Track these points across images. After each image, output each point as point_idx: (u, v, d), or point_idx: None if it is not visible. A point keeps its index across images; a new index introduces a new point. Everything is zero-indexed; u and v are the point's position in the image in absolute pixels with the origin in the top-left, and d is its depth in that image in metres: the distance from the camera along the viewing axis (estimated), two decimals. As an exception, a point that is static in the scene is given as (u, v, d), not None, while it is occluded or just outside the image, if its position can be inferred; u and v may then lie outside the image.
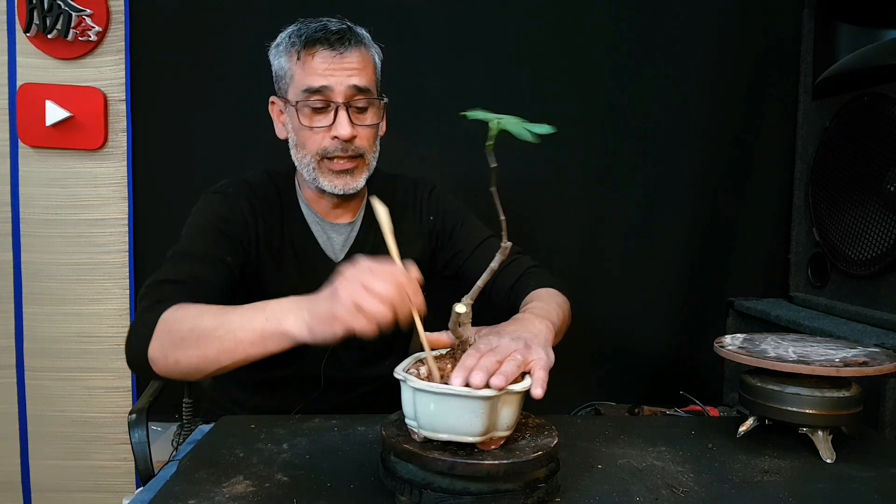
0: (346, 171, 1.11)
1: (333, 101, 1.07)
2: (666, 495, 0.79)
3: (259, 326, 0.80)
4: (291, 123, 1.12)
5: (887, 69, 1.41)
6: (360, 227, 1.22)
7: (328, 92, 1.07)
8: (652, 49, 1.78)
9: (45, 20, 1.68)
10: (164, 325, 0.87)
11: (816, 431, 0.92)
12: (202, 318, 0.85)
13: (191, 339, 0.84)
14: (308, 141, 1.10)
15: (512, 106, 0.78)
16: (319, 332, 0.76)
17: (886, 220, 1.39)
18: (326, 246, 1.20)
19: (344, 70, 1.07)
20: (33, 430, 1.82)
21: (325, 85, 1.06)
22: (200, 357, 0.83)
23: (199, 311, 0.88)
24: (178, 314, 0.88)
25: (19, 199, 1.77)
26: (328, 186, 1.12)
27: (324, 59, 1.06)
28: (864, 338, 1.29)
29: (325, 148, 1.09)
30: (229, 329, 0.82)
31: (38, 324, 1.79)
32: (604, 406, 1.45)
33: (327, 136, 1.08)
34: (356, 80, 1.08)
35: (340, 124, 1.07)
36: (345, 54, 1.07)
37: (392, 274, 0.75)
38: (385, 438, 0.77)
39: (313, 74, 1.06)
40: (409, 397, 0.74)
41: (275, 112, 1.18)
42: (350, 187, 1.12)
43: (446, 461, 0.71)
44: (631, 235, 1.84)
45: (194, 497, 0.76)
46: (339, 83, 1.06)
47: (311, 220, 1.20)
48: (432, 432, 0.73)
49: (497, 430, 0.74)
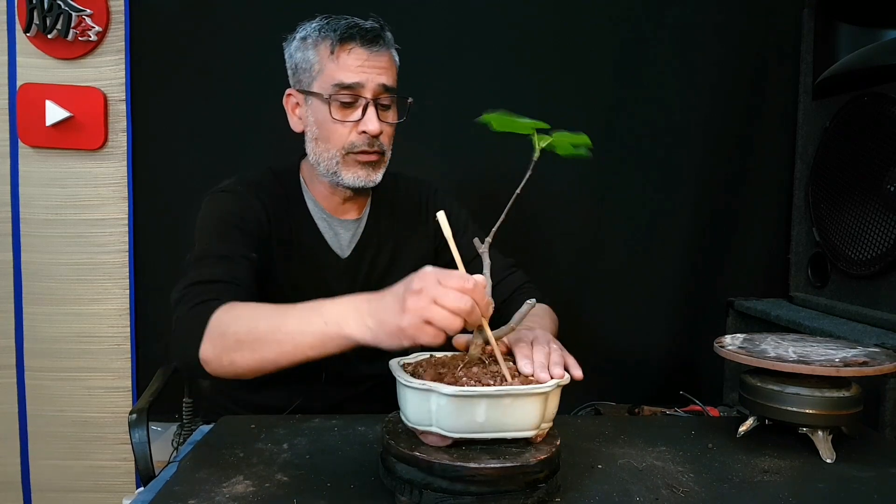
0: (370, 163, 1.12)
1: (363, 96, 1.09)
2: (666, 495, 0.79)
3: (319, 330, 0.80)
4: (315, 116, 1.12)
5: (887, 69, 1.41)
6: (366, 222, 1.23)
7: (359, 88, 1.08)
8: (652, 49, 1.79)
9: (45, 20, 1.68)
10: (216, 327, 0.87)
11: (816, 431, 0.92)
12: (258, 320, 0.85)
13: (248, 341, 0.84)
14: (334, 135, 1.10)
15: (512, 106, 0.79)
16: (385, 340, 0.76)
17: (886, 220, 1.39)
18: (333, 242, 1.20)
19: (375, 68, 1.09)
20: (33, 430, 1.82)
21: (357, 81, 1.08)
22: (258, 359, 0.84)
23: (253, 312, 0.87)
24: (231, 315, 0.87)
25: (19, 199, 1.77)
26: (350, 179, 1.12)
27: (358, 57, 1.08)
28: (864, 338, 1.29)
29: (352, 142, 1.10)
30: (287, 332, 0.82)
31: (38, 324, 1.79)
32: (604, 406, 1.45)
33: (354, 131, 1.10)
34: (385, 79, 1.10)
35: (370, 120, 1.08)
36: (378, 53, 1.09)
37: (462, 285, 0.73)
38: (385, 439, 0.77)
39: (347, 70, 1.08)
40: (443, 403, 0.72)
41: (290, 105, 1.18)
42: (371, 180, 1.13)
43: (447, 463, 0.71)
44: (631, 235, 1.84)
45: (194, 497, 0.76)
46: (371, 80, 1.08)
47: (317, 216, 1.20)
48: (475, 433, 0.73)
49: (545, 422, 0.76)
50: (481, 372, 0.77)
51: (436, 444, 0.74)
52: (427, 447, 0.74)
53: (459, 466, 0.71)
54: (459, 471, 0.71)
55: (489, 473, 0.71)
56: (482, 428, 0.73)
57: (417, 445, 0.74)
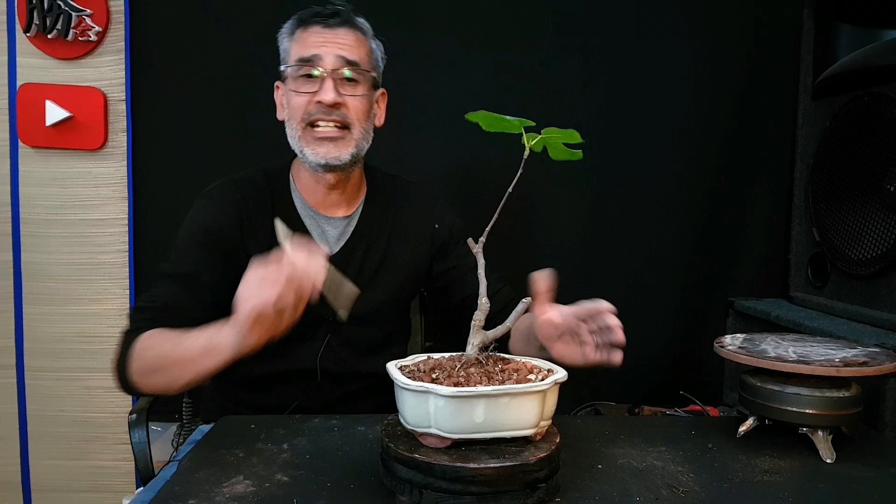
0: (329, 138, 1.12)
1: (321, 67, 1.11)
2: (666, 495, 0.79)
3: (202, 344, 0.91)
4: (287, 98, 1.16)
5: (887, 69, 1.40)
6: (357, 220, 1.23)
7: (318, 60, 1.11)
8: (651, 49, 1.79)
9: (45, 20, 1.69)
10: (135, 354, 0.99)
11: (816, 431, 0.92)
12: (163, 344, 0.97)
13: (156, 365, 0.97)
14: (296, 109, 1.13)
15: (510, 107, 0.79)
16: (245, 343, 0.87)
17: (886, 220, 1.39)
18: (320, 239, 1.20)
19: (334, 44, 1.12)
20: (33, 430, 1.82)
21: (315, 54, 1.11)
22: (167, 378, 0.97)
23: (161, 338, 0.99)
24: (146, 344, 0.99)
25: (19, 199, 1.77)
26: (311, 155, 1.13)
27: (316, 33, 1.13)
28: (864, 338, 1.29)
29: (308, 112, 1.12)
30: (184, 349, 0.93)
31: (38, 324, 1.79)
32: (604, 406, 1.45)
33: (312, 102, 1.12)
34: (346, 53, 1.12)
35: (326, 89, 1.10)
36: (336, 30, 1.13)
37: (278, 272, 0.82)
38: (385, 441, 0.77)
39: (305, 45, 1.13)
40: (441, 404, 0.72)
41: (277, 95, 1.22)
42: (333, 156, 1.13)
43: (447, 464, 0.71)
44: (631, 235, 1.84)
45: (194, 497, 0.76)
46: (328, 53, 1.11)
47: (304, 213, 1.21)
48: (474, 433, 0.73)
49: (543, 419, 0.76)
50: (479, 372, 0.78)
51: (435, 446, 0.74)
52: (427, 449, 0.74)
53: (459, 467, 0.71)
54: (460, 471, 0.71)
55: (489, 473, 0.71)
56: (481, 428, 0.73)
57: (417, 447, 0.74)
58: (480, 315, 0.81)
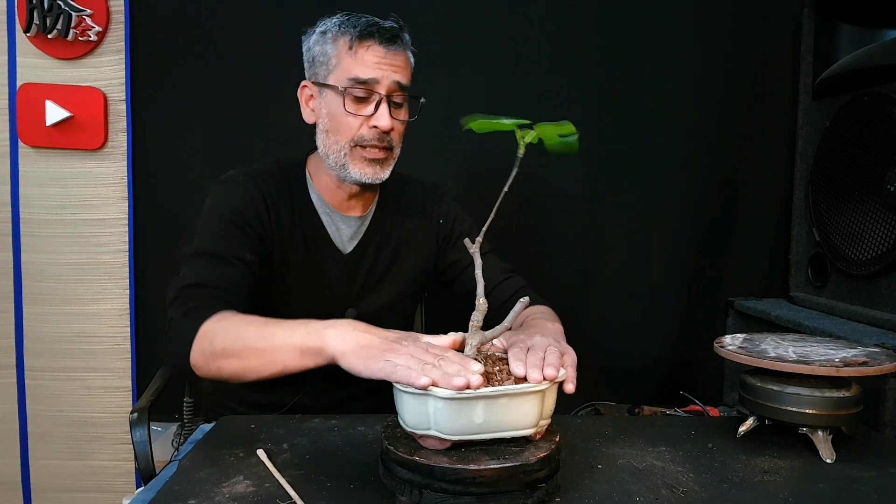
0: (377, 160, 1.14)
1: (377, 92, 1.11)
2: (666, 495, 0.79)
3: (300, 340, 0.83)
4: (328, 108, 1.14)
5: (887, 69, 1.41)
6: (371, 220, 1.24)
7: (374, 84, 1.10)
8: (651, 49, 1.79)
9: (45, 20, 1.69)
10: (205, 334, 0.91)
11: (816, 431, 0.92)
12: (246, 329, 0.89)
13: (234, 349, 0.88)
14: (345, 127, 1.12)
15: (510, 107, 0.79)
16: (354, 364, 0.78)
17: (886, 220, 1.39)
18: (335, 236, 1.21)
19: (391, 66, 1.11)
20: (33, 430, 1.82)
21: (373, 77, 1.10)
22: (243, 367, 0.88)
23: (242, 322, 0.91)
24: (221, 326, 0.91)
25: (19, 199, 1.77)
26: (357, 174, 1.13)
27: (375, 53, 1.10)
28: (864, 338, 1.29)
29: (362, 136, 1.12)
30: (272, 341, 0.85)
31: (38, 324, 1.79)
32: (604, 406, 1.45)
33: (366, 125, 1.11)
34: (399, 77, 1.12)
35: (382, 115, 1.10)
36: (395, 52, 1.12)
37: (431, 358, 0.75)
38: (385, 444, 0.77)
39: (363, 65, 1.10)
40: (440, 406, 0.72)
41: (304, 96, 1.19)
42: (378, 177, 1.14)
43: (447, 465, 0.71)
44: (631, 235, 1.84)
45: (194, 497, 0.76)
46: (386, 77, 1.10)
47: (321, 210, 1.21)
48: (474, 434, 0.73)
49: (542, 419, 0.76)
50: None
51: (435, 448, 0.74)
52: (426, 450, 0.74)
53: (460, 468, 0.71)
54: (460, 472, 0.71)
55: (489, 474, 0.71)
56: (480, 429, 0.73)
57: (417, 448, 0.74)
58: (478, 316, 0.81)
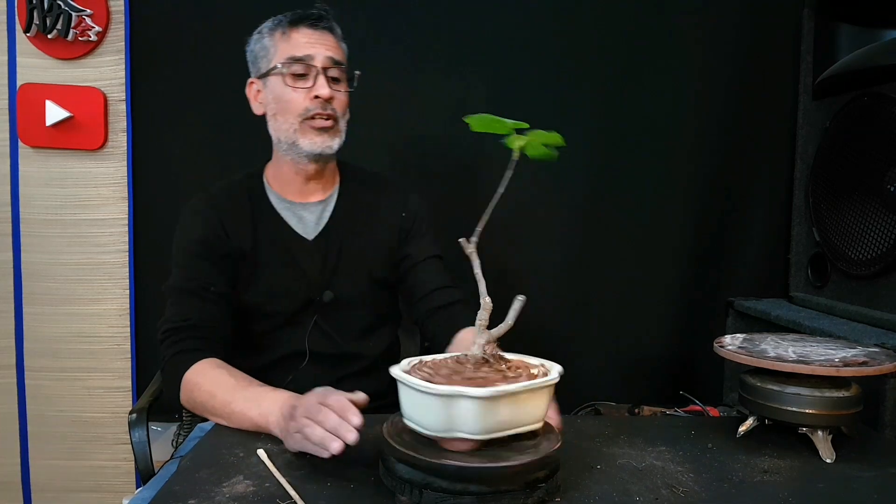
0: (325, 129, 1.20)
1: (314, 65, 1.19)
2: (666, 495, 0.79)
3: (253, 419, 0.97)
4: (273, 94, 1.21)
5: (887, 69, 1.41)
6: (334, 206, 1.28)
7: (310, 60, 1.19)
8: (651, 50, 1.79)
9: (45, 20, 1.69)
10: (186, 386, 1.06)
11: (816, 431, 0.92)
12: (216, 392, 1.03)
13: (208, 407, 1.03)
14: (291, 104, 1.19)
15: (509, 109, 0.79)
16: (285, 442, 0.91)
17: (886, 220, 1.39)
18: (298, 227, 1.25)
19: (323, 44, 1.20)
20: (33, 430, 1.82)
21: (308, 54, 1.19)
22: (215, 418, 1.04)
23: (214, 382, 1.04)
24: (196, 382, 1.05)
25: (19, 199, 1.77)
26: (308, 146, 1.20)
27: (306, 35, 1.20)
28: (864, 338, 1.29)
29: (306, 108, 1.19)
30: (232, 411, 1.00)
31: (38, 324, 1.79)
32: (604, 406, 1.45)
33: (308, 98, 1.19)
34: (332, 54, 1.21)
35: (321, 85, 1.18)
36: (323, 33, 1.21)
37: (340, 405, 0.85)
38: (386, 443, 0.77)
39: (297, 46, 1.19)
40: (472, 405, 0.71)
41: (252, 92, 1.27)
42: (328, 146, 1.21)
43: (448, 465, 0.71)
44: (631, 235, 1.84)
45: (194, 497, 0.76)
46: (319, 53, 1.19)
47: (279, 207, 1.25)
48: (498, 432, 0.73)
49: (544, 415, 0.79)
50: (492, 371, 0.77)
51: (460, 449, 0.73)
52: (427, 449, 0.74)
53: (460, 468, 0.71)
54: (460, 472, 0.71)
55: (489, 473, 0.71)
56: (503, 426, 0.73)
57: (417, 448, 0.74)
58: (484, 314, 0.81)
